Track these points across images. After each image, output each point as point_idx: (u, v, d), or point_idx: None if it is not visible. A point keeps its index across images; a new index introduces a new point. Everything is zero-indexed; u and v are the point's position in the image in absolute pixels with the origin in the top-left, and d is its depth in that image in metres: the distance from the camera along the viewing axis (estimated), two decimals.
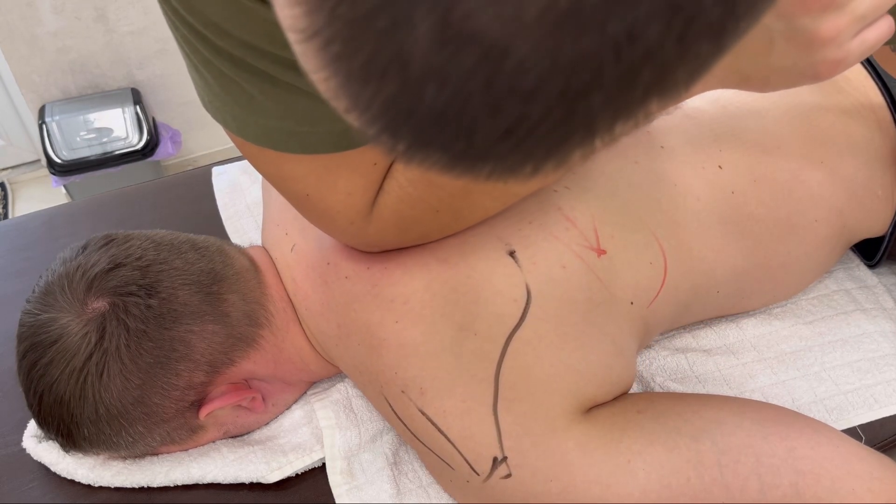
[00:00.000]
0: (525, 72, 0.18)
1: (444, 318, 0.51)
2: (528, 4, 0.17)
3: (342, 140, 0.44)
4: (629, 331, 0.57)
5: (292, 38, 0.20)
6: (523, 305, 0.52)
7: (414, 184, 0.48)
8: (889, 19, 0.41)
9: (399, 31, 0.18)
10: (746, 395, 0.65)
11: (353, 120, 0.22)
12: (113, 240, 0.56)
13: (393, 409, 0.54)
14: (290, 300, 0.61)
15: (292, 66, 0.37)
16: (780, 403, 0.63)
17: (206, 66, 0.42)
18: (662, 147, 0.61)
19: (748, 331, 0.70)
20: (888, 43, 0.49)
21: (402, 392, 0.52)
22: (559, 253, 0.53)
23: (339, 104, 0.21)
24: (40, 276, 0.56)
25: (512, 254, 0.53)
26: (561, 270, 0.53)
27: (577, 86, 0.19)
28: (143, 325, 0.52)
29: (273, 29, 0.26)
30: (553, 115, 0.19)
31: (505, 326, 0.51)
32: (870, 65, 0.69)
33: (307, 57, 0.20)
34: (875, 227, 0.70)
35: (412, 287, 0.52)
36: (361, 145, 0.45)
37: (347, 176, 0.47)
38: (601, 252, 0.54)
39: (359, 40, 0.18)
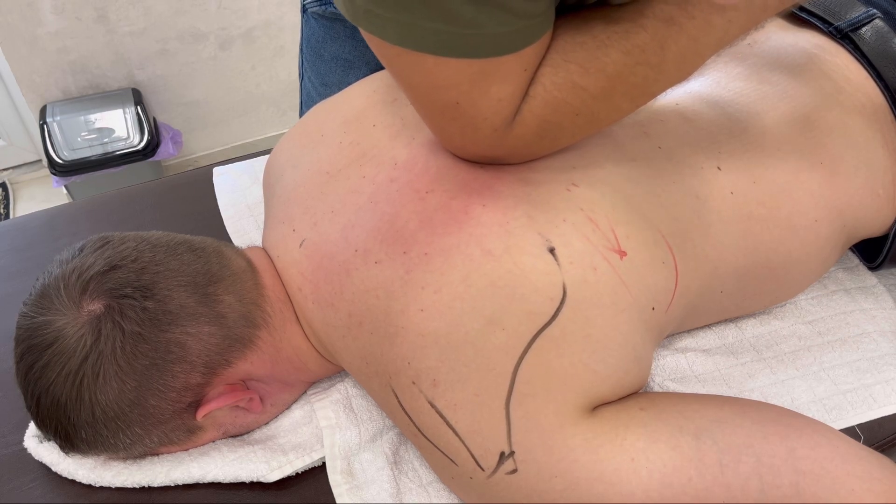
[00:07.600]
0: None
1: (474, 311, 0.51)
2: None
3: (503, 43, 0.45)
4: (650, 339, 0.57)
5: None
6: (557, 304, 0.51)
7: (559, 87, 0.49)
8: None
9: None
10: (746, 395, 0.65)
11: None
12: (108, 241, 0.56)
13: (400, 402, 0.54)
14: (290, 299, 0.61)
15: None
16: (779, 403, 0.63)
17: None
18: (660, 148, 0.61)
19: (747, 331, 0.70)
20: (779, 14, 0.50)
21: (413, 383, 0.52)
22: (591, 255, 0.53)
23: None
24: (37, 279, 0.56)
25: (552, 251, 0.52)
26: (592, 273, 0.53)
27: None
28: (138, 327, 0.52)
29: None
30: None
31: (534, 324, 0.51)
32: (870, 65, 0.69)
33: None
34: (876, 226, 0.70)
35: (449, 277, 0.52)
36: (521, 49, 0.46)
37: (501, 82, 0.48)
38: (623, 254, 0.54)
39: None
